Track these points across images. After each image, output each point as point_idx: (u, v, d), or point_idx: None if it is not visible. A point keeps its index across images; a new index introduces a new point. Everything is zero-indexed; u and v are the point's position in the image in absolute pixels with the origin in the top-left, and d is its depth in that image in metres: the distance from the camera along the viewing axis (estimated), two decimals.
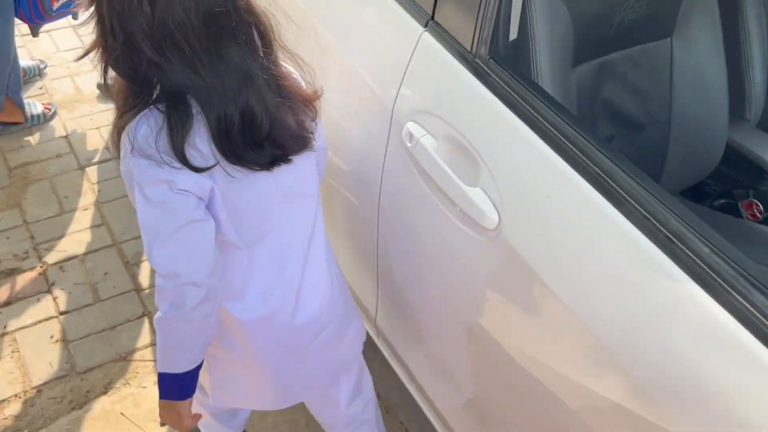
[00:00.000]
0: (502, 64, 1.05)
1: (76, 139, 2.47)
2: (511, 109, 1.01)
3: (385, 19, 1.25)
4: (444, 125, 1.09)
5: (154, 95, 0.93)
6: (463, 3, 1.08)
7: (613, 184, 0.90)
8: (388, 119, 1.21)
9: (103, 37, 0.89)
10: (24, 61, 2.70)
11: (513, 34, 1.12)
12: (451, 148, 1.08)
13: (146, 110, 0.93)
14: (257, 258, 1.08)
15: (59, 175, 2.32)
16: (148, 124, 0.92)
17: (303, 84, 1.06)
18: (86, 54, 0.93)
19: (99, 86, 2.65)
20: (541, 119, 0.98)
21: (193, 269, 0.97)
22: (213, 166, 0.95)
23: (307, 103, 1.05)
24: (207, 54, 0.90)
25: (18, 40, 2.84)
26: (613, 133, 1.39)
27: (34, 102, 2.50)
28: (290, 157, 1.02)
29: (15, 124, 2.46)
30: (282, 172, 1.03)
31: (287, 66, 1.04)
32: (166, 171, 0.92)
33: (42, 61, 2.75)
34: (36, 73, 2.70)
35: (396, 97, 1.18)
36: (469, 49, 1.08)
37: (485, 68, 1.06)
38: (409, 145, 1.14)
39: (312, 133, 1.06)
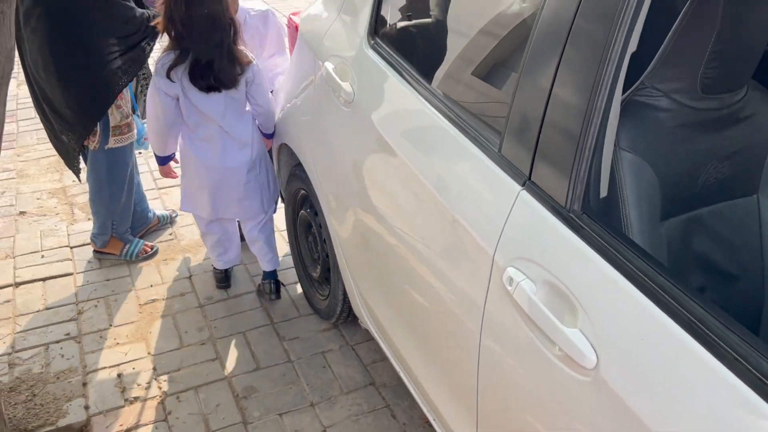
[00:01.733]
0: (594, 219, 1.18)
1: (197, 280, 2.74)
2: (605, 259, 1.12)
3: (484, 177, 1.42)
4: (542, 271, 1.21)
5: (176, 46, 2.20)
6: (557, 166, 1.24)
7: (704, 329, 0.97)
8: (489, 265, 1.34)
9: (163, 21, 2.16)
10: (159, 210, 3.08)
11: (603, 192, 1.26)
12: (550, 293, 1.19)
13: (171, 51, 2.19)
14: (203, 131, 2.33)
15: (181, 312, 2.57)
16: (169, 57, 2.18)
17: (246, 56, 2.24)
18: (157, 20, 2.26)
19: None
20: (634, 268, 1.08)
21: (156, 120, 2.30)
22: (175, 86, 2.23)
23: (243, 65, 2.22)
24: (201, 30, 2.13)
25: (154, 192, 3.26)
26: (705, 284, 1.45)
27: (138, 240, 2.87)
28: (221, 90, 2.23)
29: (111, 254, 2.82)
30: (215, 99, 2.25)
31: (244, 48, 2.25)
32: (158, 77, 2.20)
33: (174, 211, 3.12)
34: (168, 221, 3.06)
35: (497, 245, 1.32)
36: (563, 205, 1.22)
37: (579, 222, 1.18)
38: (509, 288, 1.25)
39: (238, 81, 2.23)
